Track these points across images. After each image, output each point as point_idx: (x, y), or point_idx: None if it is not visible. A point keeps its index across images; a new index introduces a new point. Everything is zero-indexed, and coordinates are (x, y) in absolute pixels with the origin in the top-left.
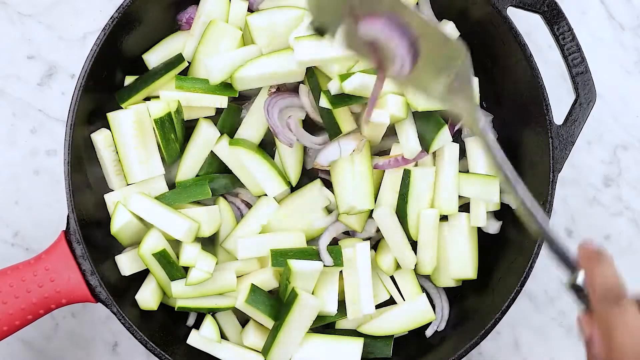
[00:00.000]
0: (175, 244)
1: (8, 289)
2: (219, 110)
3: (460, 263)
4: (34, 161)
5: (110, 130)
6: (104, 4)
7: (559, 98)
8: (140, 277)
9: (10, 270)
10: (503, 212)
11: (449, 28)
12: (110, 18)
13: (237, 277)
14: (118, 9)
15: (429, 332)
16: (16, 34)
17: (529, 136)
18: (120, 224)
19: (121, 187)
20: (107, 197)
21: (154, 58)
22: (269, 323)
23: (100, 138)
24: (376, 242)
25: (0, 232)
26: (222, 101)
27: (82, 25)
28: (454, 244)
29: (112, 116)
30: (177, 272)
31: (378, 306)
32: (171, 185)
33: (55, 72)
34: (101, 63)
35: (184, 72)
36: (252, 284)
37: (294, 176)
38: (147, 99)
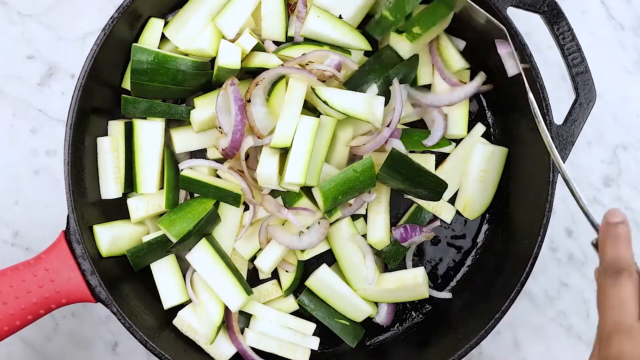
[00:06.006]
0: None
1: (8, 289)
2: None
3: None
4: (34, 161)
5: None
6: (104, 4)
7: (559, 98)
8: (139, 277)
9: (10, 270)
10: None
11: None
12: (110, 18)
13: None
14: (118, 9)
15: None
16: (16, 34)
17: (529, 136)
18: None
19: (118, 195)
20: (130, 202)
21: None
22: None
23: (107, 141)
24: None
25: (0, 232)
26: None
27: (82, 25)
28: None
29: (138, 123)
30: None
31: None
32: None
33: (55, 72)
34: (101, 63)
35: None
36: None
37: None
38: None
